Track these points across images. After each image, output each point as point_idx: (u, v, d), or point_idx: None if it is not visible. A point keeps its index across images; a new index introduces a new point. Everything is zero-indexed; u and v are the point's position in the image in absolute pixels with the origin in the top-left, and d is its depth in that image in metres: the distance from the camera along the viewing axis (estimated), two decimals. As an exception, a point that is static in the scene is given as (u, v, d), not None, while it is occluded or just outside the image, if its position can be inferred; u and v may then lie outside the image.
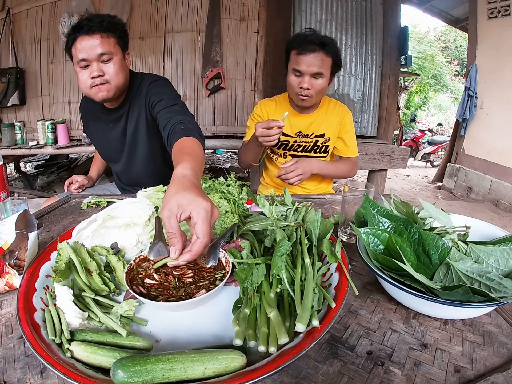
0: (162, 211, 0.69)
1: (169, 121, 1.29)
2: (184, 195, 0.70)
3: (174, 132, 1.22)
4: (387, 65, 3.82)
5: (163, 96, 1.46)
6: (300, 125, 1.84)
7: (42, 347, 0.55)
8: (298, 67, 1.65)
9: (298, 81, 1.68)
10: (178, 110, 1.39)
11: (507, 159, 4.60)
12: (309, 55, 1.62)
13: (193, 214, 0.68)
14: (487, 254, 0.73)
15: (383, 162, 3.63)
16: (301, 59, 1.64)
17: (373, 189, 1.00)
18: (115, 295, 0.76)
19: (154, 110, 1.46)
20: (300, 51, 1.64)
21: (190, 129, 1.20)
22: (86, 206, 1.35)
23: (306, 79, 1.66)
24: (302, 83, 1.67)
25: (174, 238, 0.69)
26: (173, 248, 0.69)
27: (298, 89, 1.69)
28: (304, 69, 1.64)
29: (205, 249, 0.69)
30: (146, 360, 0.51)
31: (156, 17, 3.56)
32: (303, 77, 1.66)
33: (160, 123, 1.36)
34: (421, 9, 6.74)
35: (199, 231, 0.67)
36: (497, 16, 4.58)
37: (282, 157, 1.92)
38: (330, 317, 0.61)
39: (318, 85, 1.68)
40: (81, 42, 1.33)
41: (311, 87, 1.68)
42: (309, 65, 1.63)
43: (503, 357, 0.61)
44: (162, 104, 1.42)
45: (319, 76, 1.66)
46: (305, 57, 1.63)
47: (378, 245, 0.77)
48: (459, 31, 10.80)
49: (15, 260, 0.81)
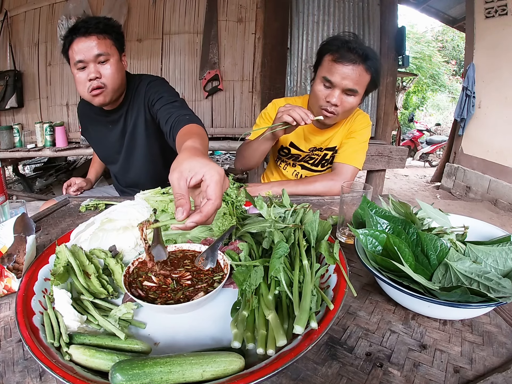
0: (172, 173, 0.66)
1: (172, 115, 1.30)
2: (197, 159, 0.68)
3: (178, 123, 1.22)
4: (384, 66, 3.83)
5: (163, 93, 1.47)
6: (315, 141, 1.67)
7: (40, 350, 0.55)
8: (331, 77, 1.40)
9: (327, 93, 1.44)
10: (179, 106, 1.40)
11: (505, 158, 4.61)
12: (347, 65, 1.37)
13: (207, 176, 0.64)
14: (485, 254, 0.73)
15: (381, 162, 3.64)
16: (336, 68, 1.38)
17: (371, 190, 1.00)
18: (113, 298, 0.76)
19: (154, 107, 1.47)
20: (337, 58, 1.38)
21: (194, 119, 1.22)
22: (85, 209, 1.35)
23: (337, 93, 1.41)
24: (330, 97, 1.42)
25: (182, 199, 0.63)
26: (180, 209, 0.63)
27: (324, 103, 1.45)
28: (338, 81, 1.39)
29: (213, 214, 0.64)
30: (144, 363, 0.51)
31: (153, 19, 3.57)
32: (333, 90, 1.42)
33: (162, 118, 1.37)
34: (419, 9, 6.76)
35: (211, 193, 0.63)
36: (494, 16, 4.60)
37: (291, 166, 1.77)
38: (328, 318, 0.61)
39: (348, 104, 1.45)
40: (77, 44, 1.34)
41: (340, 104, 1.43)
42: (344, 78, 1.38)
43: (503, 357, 0.61)
44: (163, 101, 1.43)
45: (352, 93, 1.42)
46: (342, 67, 1.37)
47: (376, 246, 0.77)
48: (456, 31, 10.83)
49: (14, 264, 0.81)
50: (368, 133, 1.66)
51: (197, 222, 0.63)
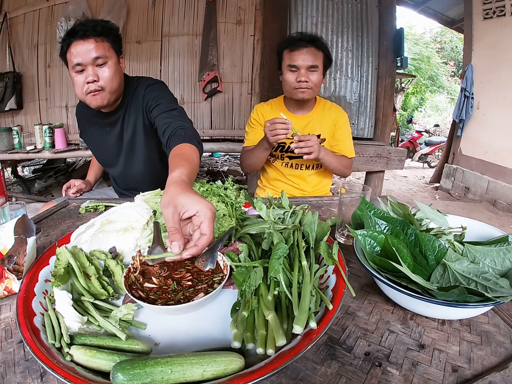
0: (166, 207, 0.72)
1: (169, 126, 1.30)
2: (189, 195, 0.74)
3: (174, 137, 1.23)
4: (383, 67, 3.85)
5: (161, 100, 1.47)
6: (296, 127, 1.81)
7: (42, 351, 0.56)
8: (294, 63, 1.72)
9: (295, 76, 1.74)
10: (177, 115, 1.39)
11: (504, 159, 4.62)
12: (302, 50, 1.70)
13: (201, 213, 0.71)
14: (483, 254, 0.74)
15: (380, 163, 3.65)
16: (295, 54, 1.71)
17: (369, 191, 1.01)
18: (114, 299, 0.77)
19: (151, 114, 1.46)
20: (292, 48, 1.72)
21: (190, 135, 1.22)
22: (84, 211, 1.35)
23: (303, 72, 1.72)
24: (299, 76, 1.72)
25: (177, 233, 0.70)
26: (176, 243, 0.69)
27: (296, 84, 1.74)
28: (300, 63, 1.71)
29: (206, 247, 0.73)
30: (145, 363, 0.51)
31: (152, 21, 3.57)
32: (300, 71, 1.73)
33: (159, 127, 1.37)
34: (417, 10, 6.78)
35: (205, 229, 0.71)
36: (492, 17, 4.61)
37: (279, 159, 1.93)
38: (327, 318, 0.61)
39: (314, 77, 1.75)
40: (75, 47, 1.34)
41: (309, 79, 1.73)
42: (304, 59, 1.71)
43: (501, 356, 0.62)
44: (160, 108, 1.43)
45: (314, 69, 1.73)
46: (299, 52, 1.71)
47: (375, 247, 0.77)
48: (454, 32, 10.87)
49: (14, 265, 0.82)
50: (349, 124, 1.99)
51: (193, 255, 0.71)
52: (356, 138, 3.75)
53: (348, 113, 1.95)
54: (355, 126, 3.91)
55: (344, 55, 3.76)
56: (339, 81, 3.79)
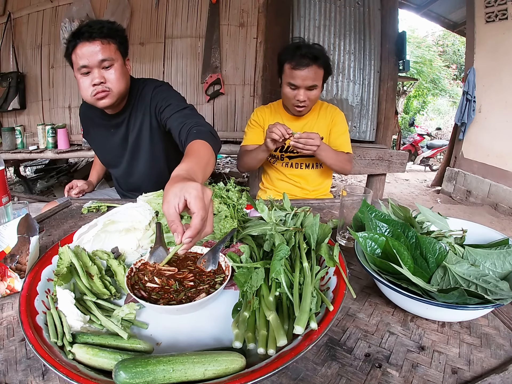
0: (162, 206, 0.73)
1: (184, 125, 1.31)
2: (177, 185, 0.74)
3: (188, 136, 1.25)
4: (385, 70, 3.84)
5: (171, 100, 1.47)
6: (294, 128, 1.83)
7: (44, 349, 0.56)
8: (294, 82, 1.72)
9: (294, 93, 1.76)
10: (189, 113, 1.40)
11: (506, 162, 4.61)
12: (303, 70, 1.68)
13: (186, 195, 0.71)
14: (483, 257, 0.74)
15: (381, 166, 3.64)
16: (295, 74, 1.70)
17: (370, 194, 1.01)
18: (116, 299, 0.77)
19: (162, 114, 1.47)
20: (294, 66, 1.69)
21: (202, 131, 1.23)
22: (87, 211, 1.36)
23: (302, 92, 1.73)
24: (298, 96, 1.74)
25: (174, 224, 0.71)
26: (176, 234, 0.71)
27: (295, 101, 1.77)
28: (299, 83, 1.71)
29: (203, 224, 0.72)
30: (147, 362, 0.51)
31: (156, 23, 3.58)
32: (299, 90, 1.73)
33: (174, 128, 1.37)
34: (419, 13, 6.78)
35: (193, 207, 0.70)
36: (494, 20, 4.62)
37: (279, 159, 1.95)
38: (328, 319, 0.61)
39: (312, 96, 1.77)
40: (81, 48, 1.33)
41: (307, 98, 1.75)
42: (304, 80, 1.70)
43: (500, 358, 0.62)
44: (172, 108, 1.43)
45: (313, 88, 1.74)
46: (300, 72, 1.69)
47: (376, 249, 0.77)
48: (457, 35, 10.85)
49: (16, 264, 0.82)
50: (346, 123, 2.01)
51: (191, 236, 0.70)
52: (357, 141, 3.75)
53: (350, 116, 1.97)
54: (356, 129, 3.90)
55: (346, 58, 3.76)
56: (341, 84, 3.79)
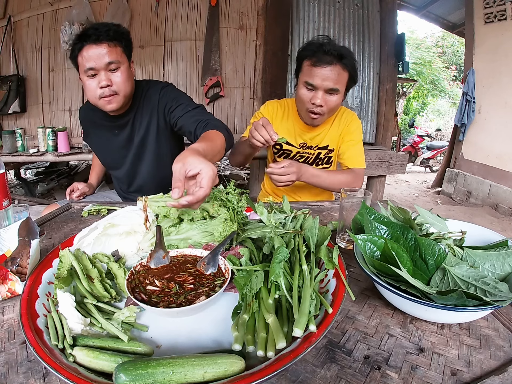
0: (176, 163, 0.84)
1: (200, 122, 1.36)
2: (197, 157, 0.85)
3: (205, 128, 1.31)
4: (384, 72, 3.86)
5: (181, 100, 1.50)
6: (305, 137, 1.74)
7: (45, 352, 0.56)
8: (312, 81, 1.47)
9: (310, 95, 1.51)
10: (201, 112, 1.45)
11: (506, 163, 4.62)
12: (325, 67, 1.44)
13: (203, 171, 0.82)
14: (483, 258, 0.74)
15: (381, 168, 3.65)
16: (315, 71, 1.46)
17: (370, 196, 1.02)
18: (116, 302, 0.77)
19: (173, 114, 1.49)
20: (314, 62, 1.46)
21: (219, 126, 1.31)
22: (87, 214, 1.36)
23: (320, 95, 1.48)
24: (314, 98, 1.49)
25: (179, 182, 0.81)
26: (176, 189, 0.80)
27: (310, 105, 1.53)
28: (319, 83, 1.46)
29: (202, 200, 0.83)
30: (147, 364, 0.52)
31: (156, 26, 3.59)
32: (316, 92, 1.49)
33: (187, 125, 1.42)
34: (418, 15, 6.80)
35: (204, 183, 0.81)
36: (493, 21, 4.63)
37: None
38: (327, 322, 0.62)
39: (332, 102, 1.52)
40: (88, 51, 1.33)
41: (325, 104, 1.50)
42: (324, 79, 1.45)
43: (500, 360, 0.62)
44: (183, 108, 1.47)
45: (334, 92, 1.49)
46: (320, 70, 1.45)
47: (375, 251, 0.78)
48: (456, 37, 10.89)
49: (17, 267, 0.82)
50: (361, 132, 1.76)
51: (189, 202, 0.80)
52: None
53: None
54: (356, 130, 3.91)
55: (346, 60, 3.77)
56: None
